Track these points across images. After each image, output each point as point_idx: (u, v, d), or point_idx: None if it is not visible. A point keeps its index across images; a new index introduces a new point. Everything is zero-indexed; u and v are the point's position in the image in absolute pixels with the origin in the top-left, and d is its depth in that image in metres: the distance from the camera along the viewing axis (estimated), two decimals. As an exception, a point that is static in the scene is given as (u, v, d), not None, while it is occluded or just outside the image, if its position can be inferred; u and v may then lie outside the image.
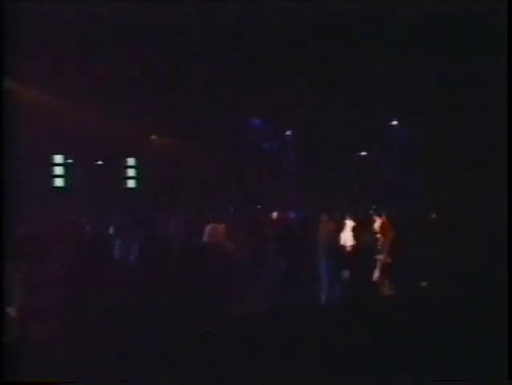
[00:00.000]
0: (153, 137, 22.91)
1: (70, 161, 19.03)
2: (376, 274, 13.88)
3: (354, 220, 15.11)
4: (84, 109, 19.22)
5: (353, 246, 14.67)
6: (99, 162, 21.42)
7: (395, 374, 8.04)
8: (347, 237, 14.98)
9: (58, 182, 18.76)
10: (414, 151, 23.76)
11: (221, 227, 14.61)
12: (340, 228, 14.99)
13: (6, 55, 15.03)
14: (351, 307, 12.92)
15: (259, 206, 19.35)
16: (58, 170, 18.78)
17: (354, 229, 14.69)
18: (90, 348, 8.90)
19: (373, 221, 14.58)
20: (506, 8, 10.36)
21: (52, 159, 18.68)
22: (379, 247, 14.21)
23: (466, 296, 11.48)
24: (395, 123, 25.02)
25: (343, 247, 14.83)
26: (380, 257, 14.05)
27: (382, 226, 14.42)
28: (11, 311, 9.62)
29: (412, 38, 15.67)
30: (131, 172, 18.90)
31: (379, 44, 16.01)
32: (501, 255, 9.40)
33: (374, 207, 15.99)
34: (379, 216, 14.58)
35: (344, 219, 15.31)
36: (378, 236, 14.33)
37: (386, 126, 24.78)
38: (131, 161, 18.95)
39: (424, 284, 14.15)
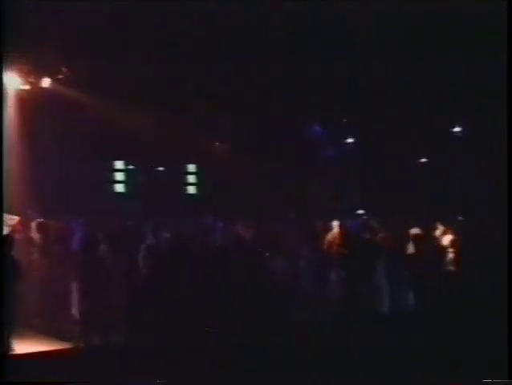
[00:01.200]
0: (216, 143, 22.92)
1: (131, 167, 19.34)
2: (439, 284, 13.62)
3: (417, 230, 14.80)
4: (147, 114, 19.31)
5: (414, 257, 14.38)
6: (160, 168, 21.54)
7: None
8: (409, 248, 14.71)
9: (119, 187, 19.08)
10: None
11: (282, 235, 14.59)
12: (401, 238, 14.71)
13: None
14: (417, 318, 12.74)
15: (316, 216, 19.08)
16: (119, 176, 19.10)
17: (416, 239, 14.39)
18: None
19: (437, 231, 14.36)
20: (506, 8, 10.38)
21: (113, 165, 19.00)
22: (444, 257, 13.99)
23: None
24: (455, 129, 24.59)
25: (404, 258, 14.56)
26: (446, 267, 13.82)
27: (446, 236, 14.19)
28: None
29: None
30: (191, 179, 19.09)
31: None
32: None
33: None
34: (444, 225, 14.35)
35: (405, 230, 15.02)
36: (443, 246, 14.11)
37: (444, 132, 24.31)
38: (191, 167, 19.15)
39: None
